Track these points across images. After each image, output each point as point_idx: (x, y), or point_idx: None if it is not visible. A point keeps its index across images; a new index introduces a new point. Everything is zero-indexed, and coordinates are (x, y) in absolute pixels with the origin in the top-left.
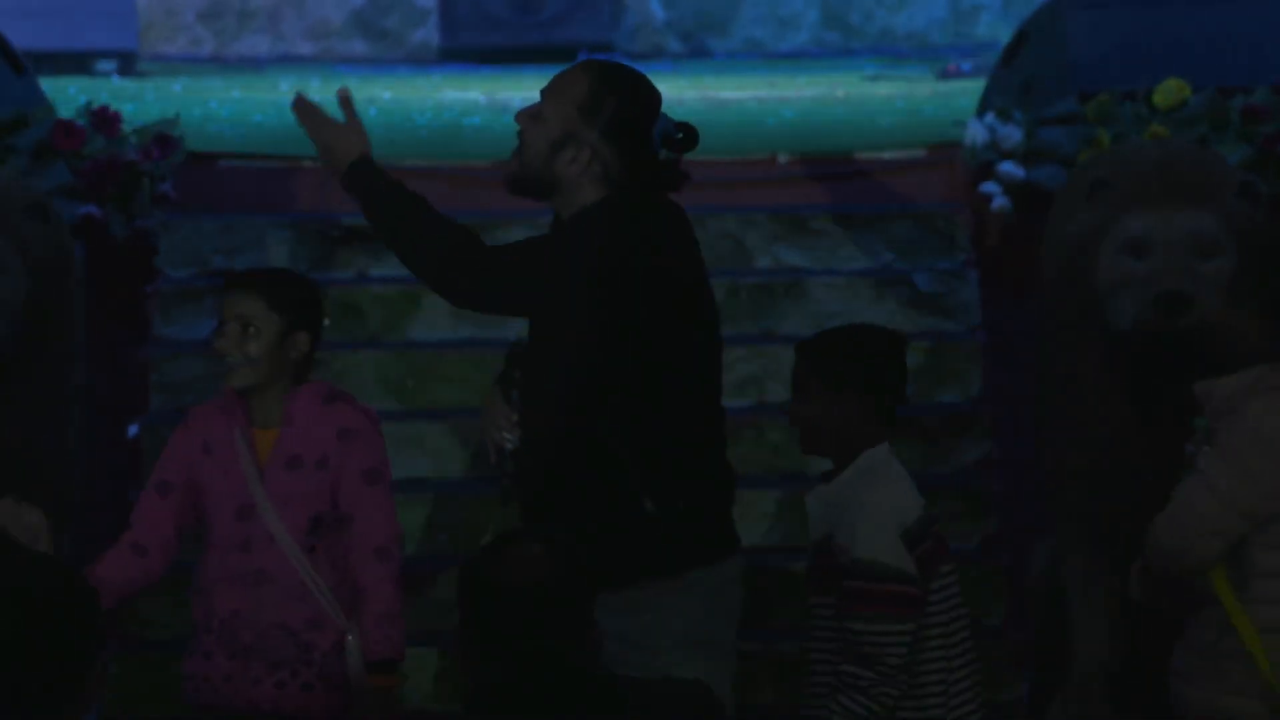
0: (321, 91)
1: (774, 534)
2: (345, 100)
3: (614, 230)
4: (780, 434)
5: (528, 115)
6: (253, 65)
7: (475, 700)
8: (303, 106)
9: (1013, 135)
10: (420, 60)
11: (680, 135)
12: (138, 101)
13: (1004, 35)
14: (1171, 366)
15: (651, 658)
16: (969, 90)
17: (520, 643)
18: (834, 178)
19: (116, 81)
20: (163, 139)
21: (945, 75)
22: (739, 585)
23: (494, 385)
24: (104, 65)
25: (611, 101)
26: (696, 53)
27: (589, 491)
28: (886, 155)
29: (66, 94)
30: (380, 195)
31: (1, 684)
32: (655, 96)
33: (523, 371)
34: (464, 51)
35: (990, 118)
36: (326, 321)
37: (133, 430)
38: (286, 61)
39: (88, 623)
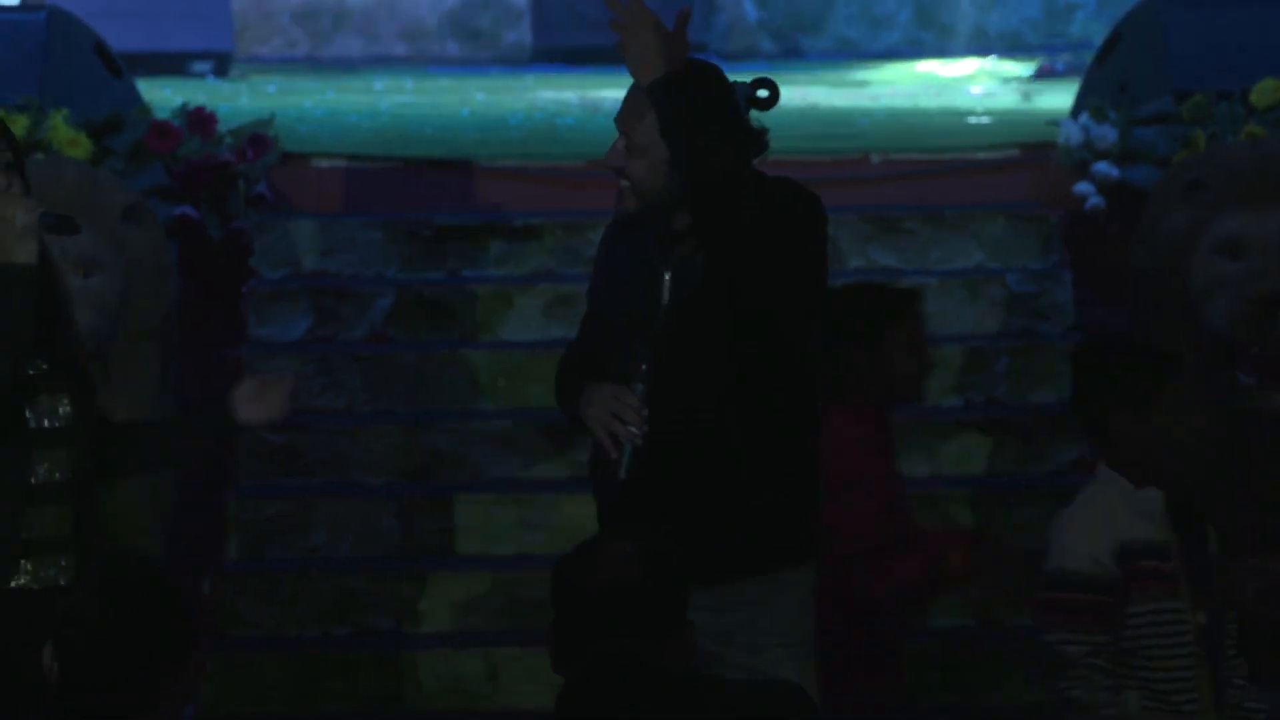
0: (415, 93)
1: None
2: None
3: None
4: None
5: (621, 154)
6: (347, 66)
7: (566, 698)
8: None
9: (1108, 135)
10: (513, 61)
11: (764, 93)
12: (232, 102)
13: (1098, 34)
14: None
15: (750, 655)
16: (1066, 89)
17: (608, 643)
18: (926, 177)
19: (212, 82)
20: (257, 140)
21: (1040, 74)
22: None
23: (610, 383)
24: (199, 67)
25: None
26: (789, 53)
27: (713, 488)
28: (980, 155)
29: (162, 95)
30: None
31: (104, 677)
32: (714, 69)
33: (656, 371)
34: (557, 51)
35: (1085, 117)
36: None
37: None
38: (380, 62)
39: (183, 621)
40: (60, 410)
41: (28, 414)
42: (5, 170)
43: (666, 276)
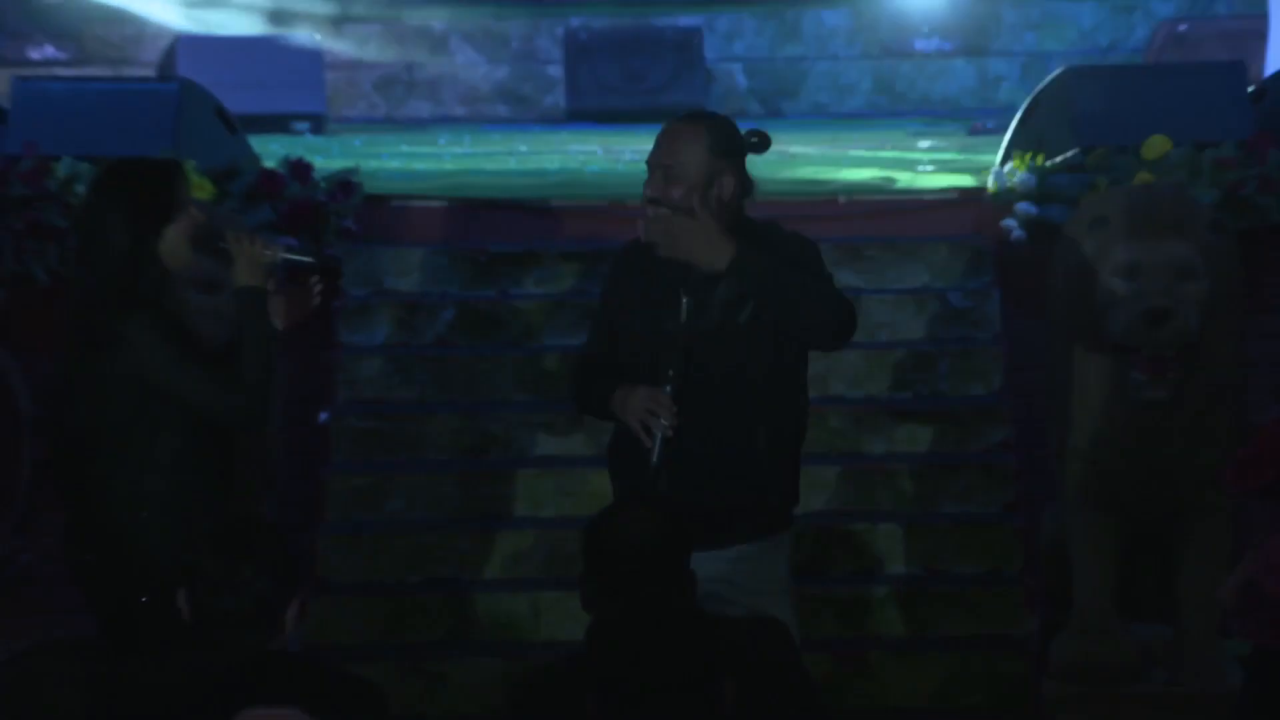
0: (471, 146)
1: (834, 501)
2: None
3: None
4: (840, 420)
5: (661, 185)
6: (417, 124)
7: (594, 633)
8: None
9: (1028, 181)
10: (550, 120)
11: (755, 139)
12: (325, 155)
13: (1020, 100)
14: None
15: (750, 597)
16: (994, 144)
17: (630, 588)
18: (883, 214)
19: (309, 139)
20: (345, 184)
21: (973, 132)
22: None
23: (643, 386)
24: (299, 126)
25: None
26: (772, 113)
27: (731, 472)
28: (926, 196)
29: (270, 149)
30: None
31: (218, 609)
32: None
33: (684, 374)
34: (586, 113)
35: (1010, 166)
36: None
37: (323, 417)
38: (444, 122)
39: (291, 569)
40: None
41: None
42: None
43: (685, 300)
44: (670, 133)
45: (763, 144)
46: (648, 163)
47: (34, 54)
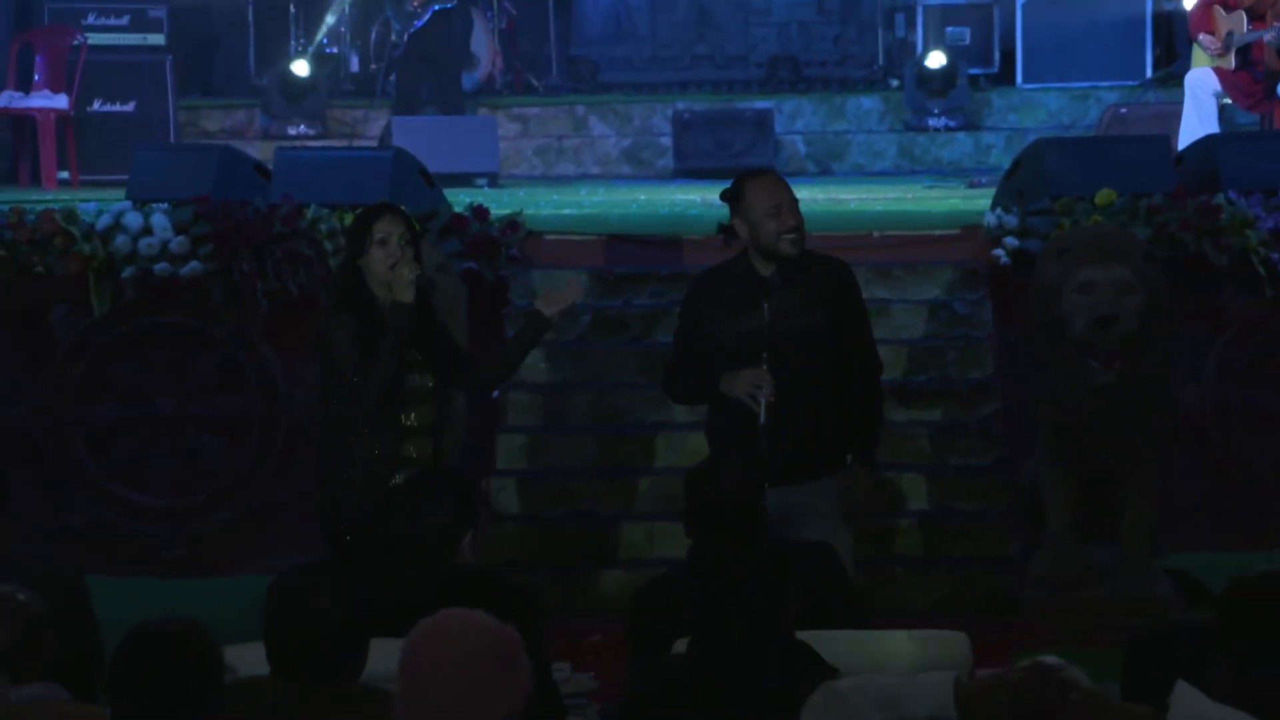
0: (605, 195)
1: None
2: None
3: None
4: None
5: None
6: (565, 180)
7: (693, 555)
8: None
9: (1012, 221)
10: (662, 176)
11: None
12: (498, 202)
13: (1006, 162)
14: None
15: (821, 521)
16: (986, 194)
17: (717, 521)
18: (905, 245)
19: (487, 190)
20: (512, 223)
21: (971, 186)
22: None
23: (745, 368)
24: (480, 181)
25: None
26: (824, 172)
27: (811, 426)
28: (937, 232)
29: (458, 199)
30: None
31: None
32: None
33: (778, 354)
34: (688, 171)
35: (999, 210)
36: None
37: (495, 394)
38: (584, 178)
39: (471, 503)
40: (427, 383)
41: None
42: (408, 244)
43: (766, 305)
44: (784, 182)
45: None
46: (777, 203)
47: (291, 130)
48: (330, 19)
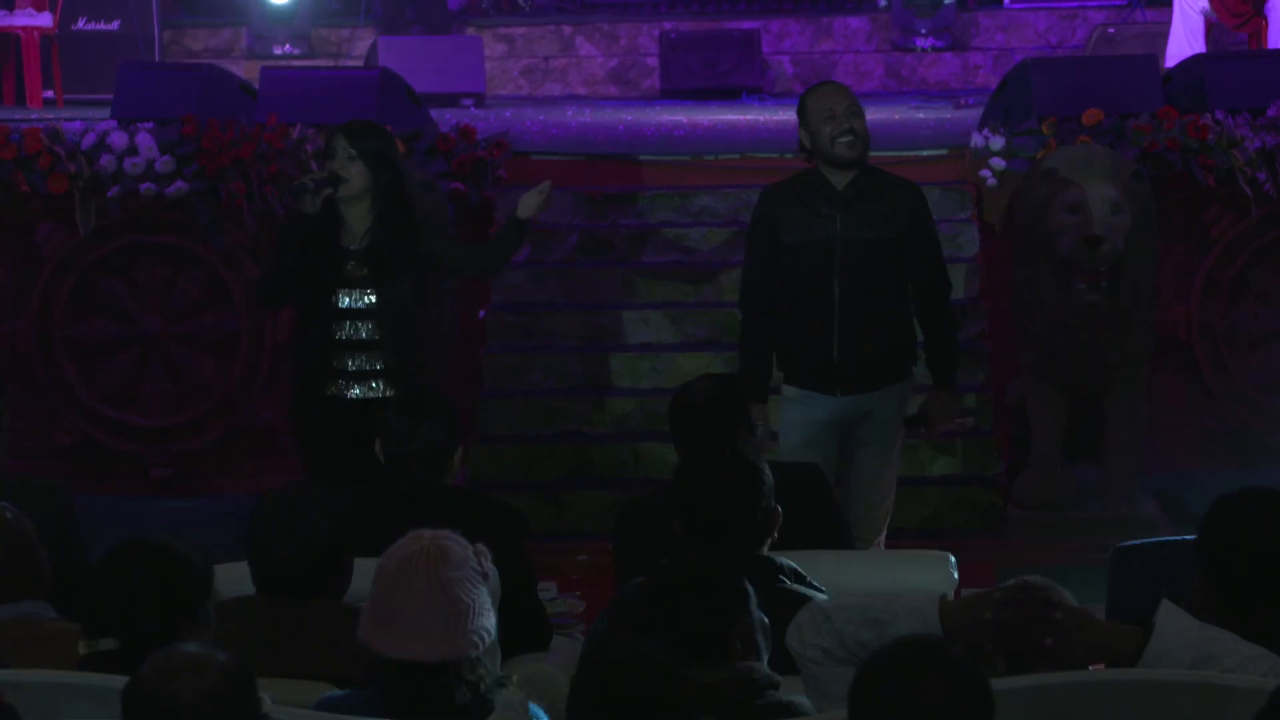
0: (591, 116)
1: None
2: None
3: None
4: None
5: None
6: (551, 101)
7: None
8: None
9: (999, 142)
10: (649, 97)
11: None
12: (485, 123)
13: (993, 82)
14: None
15: (865, 432)
16: (973, 115)
17: (699, 437)
18: (894, 165)
19: (473, 111)
20: (499, 144)
21: (959, 107)
22: None
23: (813, 274)
24: (466, 101)
25: None
26: None
27: (886, 340)
28: (924, 152)
29: (444, 118)
30: None
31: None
32: None
33: (849, 264)
34: (675, 91)
35: (986, 131)
36: None
37: (481, 314)
38: (570, 99)
39: (457, 424)
40: (366, 298)
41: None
42: (352, 159)
43: (838, 216)
44: (844, 90)
45: None
46: (831, 108)
47: (277, 50)
48: None
